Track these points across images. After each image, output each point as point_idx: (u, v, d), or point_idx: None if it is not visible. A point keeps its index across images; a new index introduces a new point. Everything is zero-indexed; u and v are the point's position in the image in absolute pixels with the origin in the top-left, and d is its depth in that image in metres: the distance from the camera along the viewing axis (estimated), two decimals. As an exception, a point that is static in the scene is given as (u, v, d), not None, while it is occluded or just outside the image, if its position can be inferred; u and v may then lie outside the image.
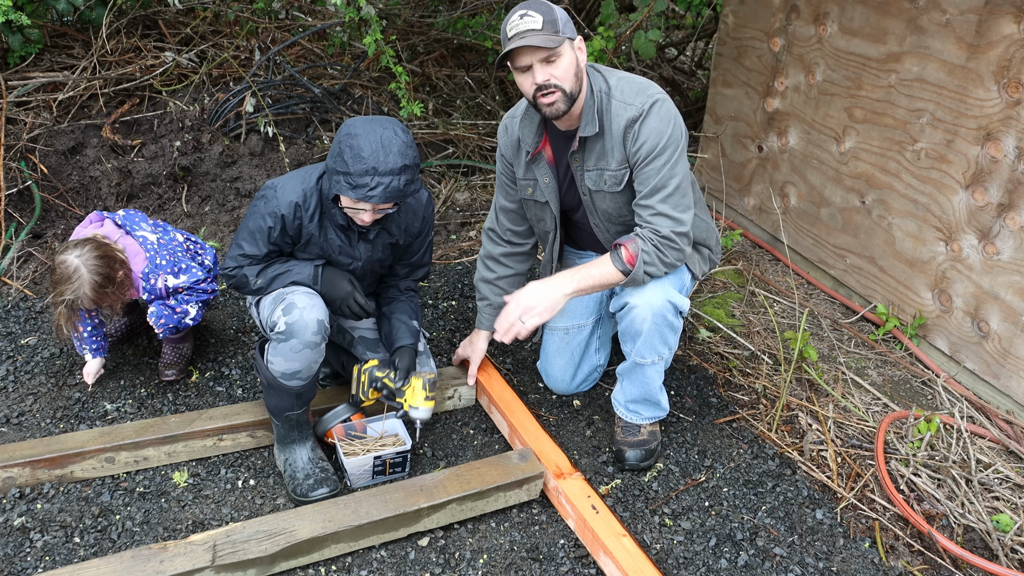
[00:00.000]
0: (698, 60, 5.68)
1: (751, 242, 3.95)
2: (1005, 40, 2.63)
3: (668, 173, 2.27)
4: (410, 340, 2.52)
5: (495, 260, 2.74)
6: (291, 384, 2.30)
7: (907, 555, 2.28)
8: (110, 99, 4.06)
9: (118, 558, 1.99)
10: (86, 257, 2.46)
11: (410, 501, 2.22)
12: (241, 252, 2.37)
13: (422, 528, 2.26)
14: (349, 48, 4.72)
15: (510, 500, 2.36)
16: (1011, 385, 2.80)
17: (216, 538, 2.06)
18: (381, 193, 2.12)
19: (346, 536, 2.15)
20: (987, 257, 2.81)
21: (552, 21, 2.15)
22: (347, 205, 2.25)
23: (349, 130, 2.16)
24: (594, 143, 2.33)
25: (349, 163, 2.12)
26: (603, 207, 2.44)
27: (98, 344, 2.74)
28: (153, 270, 2.60)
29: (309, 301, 2.28)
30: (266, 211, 2.33)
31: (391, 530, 2.21)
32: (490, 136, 4.52)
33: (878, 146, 3.17)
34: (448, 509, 2.26)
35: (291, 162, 4.02)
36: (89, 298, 2.46)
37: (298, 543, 2.08)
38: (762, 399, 2.86)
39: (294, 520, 2.13)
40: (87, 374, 2.72)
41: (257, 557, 2.04)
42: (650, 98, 2.27)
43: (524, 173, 2.52)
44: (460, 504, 2.27)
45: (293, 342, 2.25)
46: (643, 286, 2.32)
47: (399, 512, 2.19)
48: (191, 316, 2.66)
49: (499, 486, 2.31)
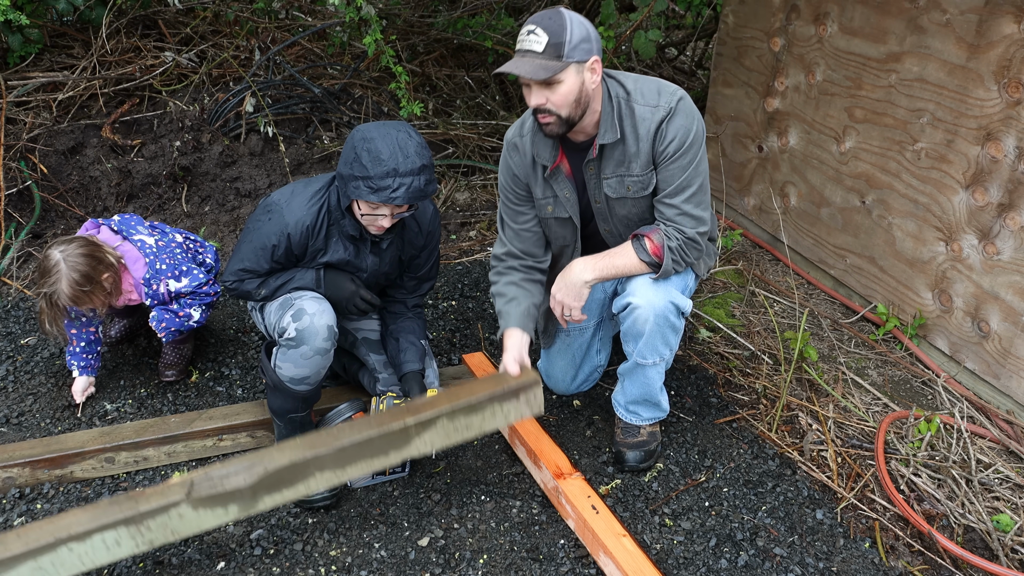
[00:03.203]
0: (698, 60, 5.68)
1: (751, 242, 3.95)
2: (1005, 40, 2.63)
3: (693, 172, 2.27)
4: (418, 365, 2.50)
5: (515, 270, 2.52)
6: (299, 389, 2.31)
7: (907, 555, 2.28)
8: (110, 99, 4.06)
9: (95, 505, 1.92)
10: (69, 253, 2.44)
11: (396, 418, 2.05)
12: (242, 267, 2.35)
13: (414, 452, 2.08)
14: (349, 48, 4.72)
15: (509, 415, 2.15)
16: (1011, 385, 2.80)
17: (194, 477, 1.96)
18: (404, 194, 2.12)
19: (330, 461, 1.99)
20: (987, 257, 2.80)
21: (558, 44, 2.06)
22: (365, 212, 2.22)
23: (363, 135, 2.15)
24: (613, 150, 2.29)
25: (369, 167, 2.11)
26: (623, 213, 2.40)
27: (87, 362, 2.69)
28: (155, 275, 2.58)
29: (319, 307, 2.28)
30: (271, 230, 2.30)
31: (379, 453, 2.04)
32: (490, 136, 4.52)
33: (878, 146, 3.17)
34: (439, 426, 2.06)
35: (291, 162, 4.02)
36: (66, 295, 2.42)
37: (278, 470, 1.95)
38: (762, 399, 2.86)
39: (273, 452, 2.01)
40: (75, 392, 2.67)
41: (236, 489, 1.93)
42: (674, 95, 2.25)
43: (543, 192, 2.42)
44: (452, 420, 2.07)
45: (304, 348, 2.25)
46: (645, 286, 2.32)
47: (385, 430, 2.02)
48: (195, 319, 2.64)
49: (492, 396, 2.10)
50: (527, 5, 5.08)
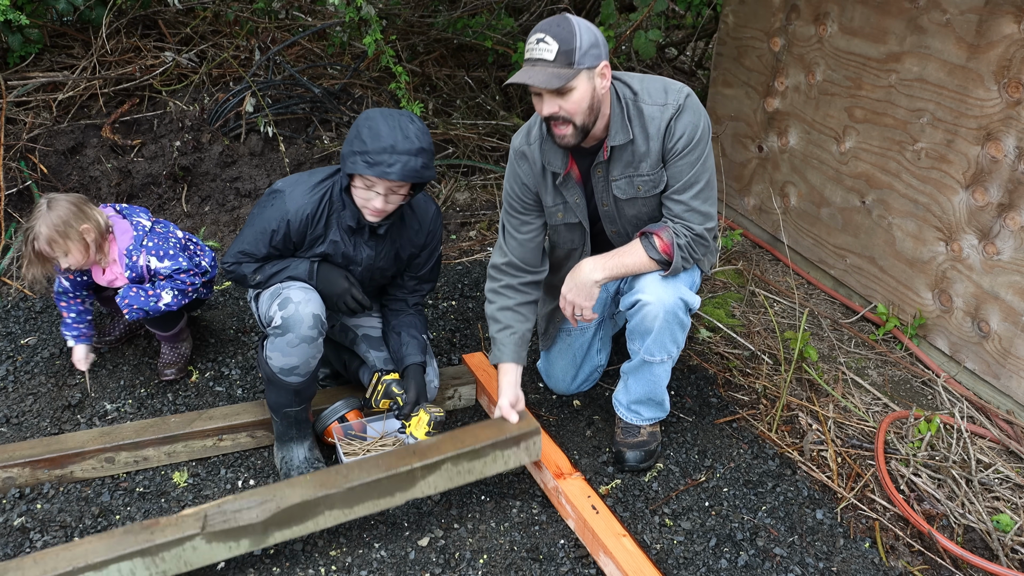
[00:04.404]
0: (698, 60, 5.68)
1: (751, 242, 3.95)
2: (1005, 40, 2.63)
3: (701, 168, 2.27)
4: (420, 358, 2.53)
5: (513, 289, 2.51)
6: (289, 380, 2.31)
7: (907, 555, 2.28)
8: (110, 99, 4.06)
9: (110, 534, 1.98)
10: (56, 199, 2.53)
11: (403, 462, 2.16)
12: (241, 250, 2.39)
13: (419, 494, 2.20)
14: (349, 48, 4.72)
15: (509, 461, 2.30)
16: (1011, 385, 2.80)
17: (207, 510, 2.03)
18: (399, 170, 2.15)
19: (339, 500, 2.10)
20: (987, 257, 2.80)
21: (568, 51, 2.06)
22: (360, 189, 2.25)
23: (367, 116, 2.22)
24: (622, 151, 2.29)
25: (368, 141, 2.16)
26: (632, 213, 2.39)
27: (79, 331, 2.77)
28: (136, 247, 2.61)
29: (305, 296, 2.30)
30: (272, 215, 2.35)
31: (386, 494, 2.15)
32: (490, 136, 4.52)
33: (878, 146, 3.17)
34: (444, 470, 2.19)
35: (291, 162, 4.02)
36: (43, 236, 2.48)
37: (289, 507, 2.04)
38: (762, 399, 2.86)
39: (285, 488, 2.10)
40: (76, 360, 2.75)
41: (248, 524, 2.01)
42: (680, 92, 2.26)
43: (553, 199, 2.42)
44: (455, 465, 2.20)
45: (290, 336, 2.26)
46: (655, 283, 2.32)
47: (392, 472, 2.13)
48: (164, 302, 2.61)
49: (495, 443, 2.25)
50: (527, 5, 5.08)
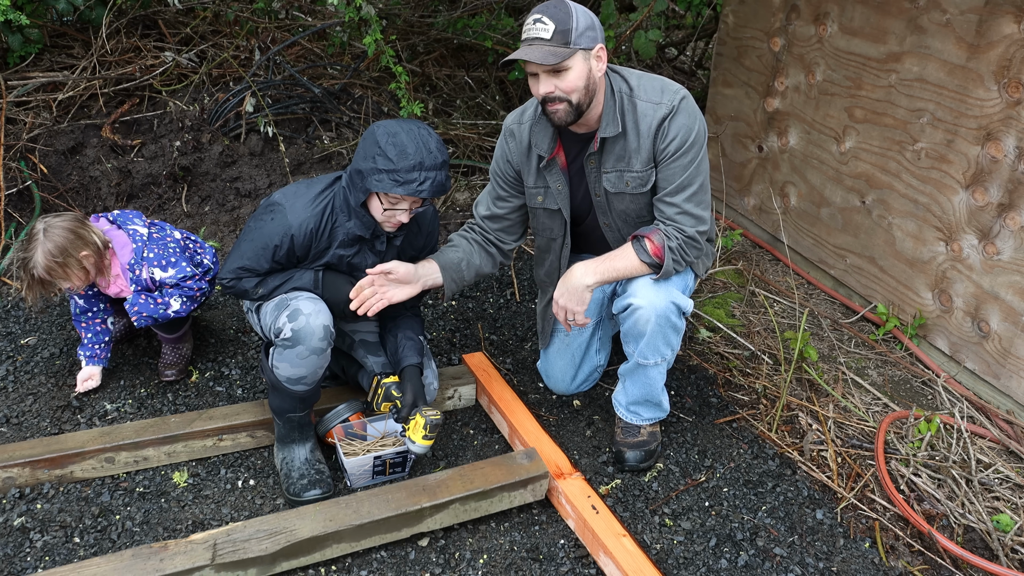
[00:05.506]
0: (698, 60, 5.68)
1: (751, 242, 3.95)
2: (1005, 40, 2.63)
3: (694, 171, 2.28)
4: (417, 359, 2.52)
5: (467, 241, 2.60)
6: (296, 388, 2.31)
7: (907, 555, 2.28)
8: (110, 99, 4.06)
9: (118, 556, 1.99)
10: (52, 225, 2.49)
11: (412, 500, 2.21)
12: (241, 266, 2.34)
13: (424, 529, 2.25)
14: (349, 48, 4.72)
15: (515, 501, 2.34)
16: (1011, 385, 2.80)
17: (216, 537, 2.06)
18: (429, 187, 2.15)
19: (347, 536, 2.15)
20: (987, 257, 2.80)
21: (565, 31, 2.11)
22: (386, 207, 2.24)
23: (387, 130, 2.18)
24: (614, 144, 2.31)
25: (395, 160, 2.14)
26: (621, 208, 2.41)
27: (93, 352, 2.73)
28: (138, 261, 2.60)
29: (314, 307, 2.27)
30: (274, 230, 2.29)
31: (393, 530, 2.21)
32: (490, 136, 4.52)
33: (878, 146, 3.17)
34: (451, 509, 2.25)
35: (291, 162, 4.02)
36: (41, 265, 2.46)
37: (299, 542, 2.08)
38: (762, 399, 2.86)
39: (295, 519, 2.13)
40: (79, 379, 2.72)
41: (257, 556, 2.04)
42: (677, 94, 2.27)
43: (535, 181, 2.46)
44: (463, 504, 2.26)
45: (300, 348, 2.25)
46: (646, 287, 2.32)
47: (401, 511, 2.18)
48: (173, 309, 2.62)
49: (503, 486, 2.30)
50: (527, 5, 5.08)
